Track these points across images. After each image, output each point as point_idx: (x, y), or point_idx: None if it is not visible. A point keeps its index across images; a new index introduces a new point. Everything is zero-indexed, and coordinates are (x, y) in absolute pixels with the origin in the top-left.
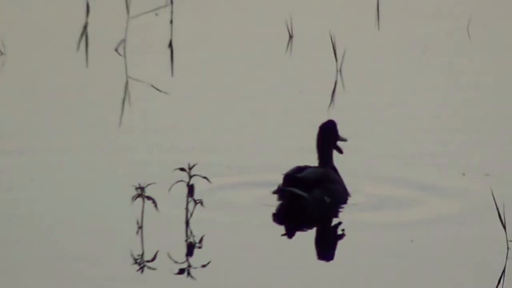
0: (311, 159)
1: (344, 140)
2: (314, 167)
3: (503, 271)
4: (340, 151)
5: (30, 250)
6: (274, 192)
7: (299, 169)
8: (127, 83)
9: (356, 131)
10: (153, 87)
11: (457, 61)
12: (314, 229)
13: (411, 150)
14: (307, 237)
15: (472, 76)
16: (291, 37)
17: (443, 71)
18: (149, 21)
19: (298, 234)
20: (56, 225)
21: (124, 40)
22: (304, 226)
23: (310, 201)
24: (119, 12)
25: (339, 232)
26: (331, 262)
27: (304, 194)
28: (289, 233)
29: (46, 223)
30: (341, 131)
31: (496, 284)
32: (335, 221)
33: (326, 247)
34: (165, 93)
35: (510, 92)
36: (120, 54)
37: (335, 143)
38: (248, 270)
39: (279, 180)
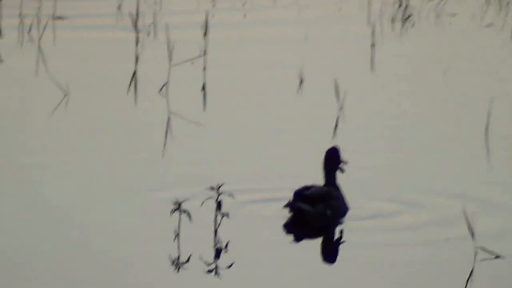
0: (318, 179)
1: (345, 163)
2: (319, 186)
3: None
4: (342, 171)
5: (73, 256)
6: (285, 206)
7: (307, 188)
8: (169, 119)
9: (354, 155)
10: (190, 121)
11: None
12: (319, 239)
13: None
14: (312, 243)
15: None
16: (301, 81)
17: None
18: (187, 68)
19: (304, 241)
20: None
21: (166, 83)
22: (309, 234)
23: (313, 214)
24: (163, 61)
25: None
26: (333, 265)
27: (308, 208)
28: (297, 239)
29: (93, 231)
30: (343, 156)
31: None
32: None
33: (327, 251)
34: (199, 125)
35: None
36: (163, 96)
37: (338, 165)
38: (267, 269)
39: (290, 196)
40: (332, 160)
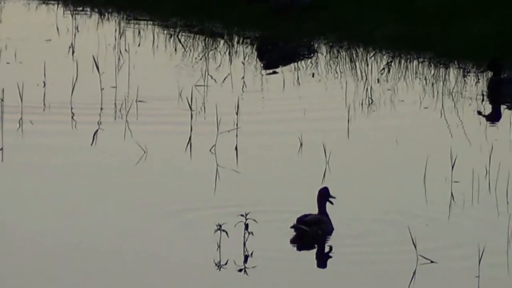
0: (314, 209)
1: (333, 197)
2: (315, 214)
3: (414, 272)
4: (331, 203)
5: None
6: (291, 227)
7: (305, 215)
8: (217, 169)
9: (340, 193)
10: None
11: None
12: (314, 249)
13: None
14: (310, 253)
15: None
16: (301, 144)
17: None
18: (226, 135)
19: (304, 250)
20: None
21: (214, 145)
22: (308, 246)
23: (310, 233)
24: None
25: (327, 250)
26: (325, 268)
27: (307, 229)
28: (299, 249)
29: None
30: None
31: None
32: (327, 245)
33: (320, 259)
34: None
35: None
36: (212, 153)
37: (327, 199)
38: (279, 270)
39: (294, 221)
40: (323, 195)
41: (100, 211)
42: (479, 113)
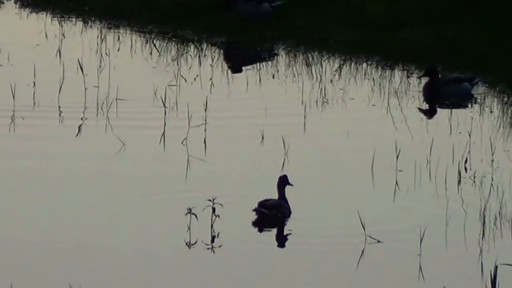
0: (274, 195)
1: (291, 185)
2: (275, 199)
3: (363, 251)
4: (291, 185)
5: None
6: (253, 210)
7: (266, 200)
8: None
9: (297, 180)
10: (197, 158)
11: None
12: (274, 230)
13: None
14: (270, 234)
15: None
16: (263, 137)
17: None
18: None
19: (265, 231)
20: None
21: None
22: (268, 228)
23: (270, 216)
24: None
25: (286, 231)
26: (283, 248)
27: (267, 212)
28: (260, 231)
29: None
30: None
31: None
32: (286, 227)
33: (279, 239)
34: (204, 161)
35: None
36: (184, 145)
37: (286, 185)
38: (242, 249)
39: (256, 204)
40: (283, 182)
41: (81, 195)
42: (420, 110)
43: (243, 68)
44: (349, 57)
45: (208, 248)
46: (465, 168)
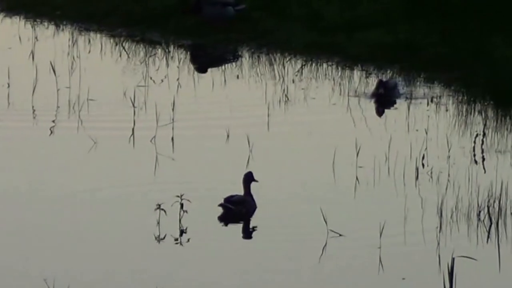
0: (239, 191)
1: (256, 181)
2: (240, 195)
3: (324, 248)
4: (255, 181)
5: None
6: (219, 205)
7: (232, 196)
8: (157, 157)
9: (262, 177)
10: (165, 155)
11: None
12: (240, 225)
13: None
14: (236, 228)
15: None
16: (228, 136)
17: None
18: (165, 128)
19: (231, 226)
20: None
21: (154, 137)
22: (234, 223)
23: (236, 211)
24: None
25: (251, 226)
26: (249, 242)
27: (232, 207)
28: (226, 225)
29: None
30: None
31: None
32: (251, 222)
33: (245, 233)
34: (172, 158)
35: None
36: (153, 143)
37: (251, 182)
38: (209, 242)
39: (222, 200)
40: (248, 178)
41: (52, 192)
42: (378, 109)
43: (209, 69)
44: (310, 58)
45: (177, 243)
46: (423, 164)
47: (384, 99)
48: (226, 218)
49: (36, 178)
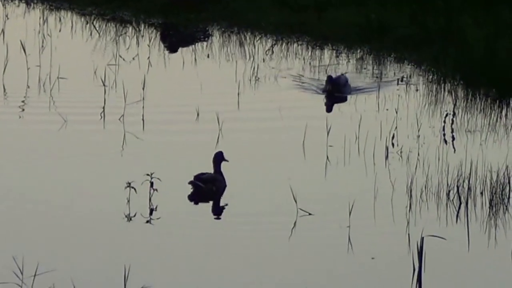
0: (210, 169)
1: (227, 160)
2: (210, 173)
3: (295, 223)
4: (226, 160)
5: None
6: (188, 183)
7: (202, 174)
8: (124, 135)
9: (231, 155)
10: (134, 135)
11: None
12: (210, 203)
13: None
14: (206, 206)
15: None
16: (198, 114)
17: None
18: (134, 106)
19: (201, 204)
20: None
21: (123, 115)
22: (204, 200)
23: (206, 189)
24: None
25: (222, 203)
26: (219, 220)
27: (202, 185)
28: (196, 203)
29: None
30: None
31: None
32: (221, 200)
33: (215, 211)
34: (140, 138)
35: None
36: (121, 122)
37: (222, 161)
38: (178, 220)
39: (192, 178)
40: (218, 158)
41: (24, 171)
42: (327, 104)
43: (179, 48)
44: (281, 37)
45: (147, 221)
46: (392, 144)
47: (332, 95)
48: (196, 196)
49: (5, 157)
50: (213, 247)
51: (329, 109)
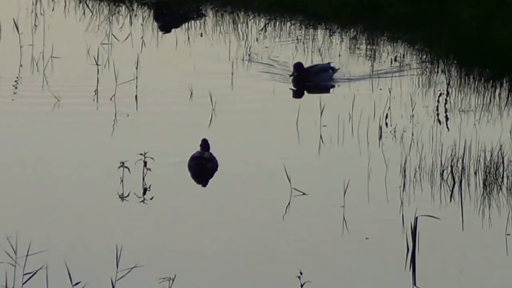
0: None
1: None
2: (209, 152)
3: (289, 202)
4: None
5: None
6: (193, 163)
7: (202, 152)
8: (115, 114)
9: (224, 135)
10: (126, 114)
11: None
12: (203, 183)
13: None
14: (199, 187)
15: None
16: (191, 93)
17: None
18: (127, 85)
19: (194, 184)
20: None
21: (114, 95)
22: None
23: (209, 168)
24: (112, 81)
25: (216, 184)
26: (212, 201)
27: (207, 164)
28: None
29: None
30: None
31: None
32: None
33: (209, 192)
34: (133, 117)
35: None
36: (113, 101)
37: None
38: (172, 198)
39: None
40: (205, 144)
41: (18, 150)
42: (293, 90)
43: (173, 27)
44: (274, 17)
45: (141, 201)
46: (386, 124)
47: (298, 82)
48: (201, 174)
49: (0, 137)
50: (207, 228)
51: (294, 94)
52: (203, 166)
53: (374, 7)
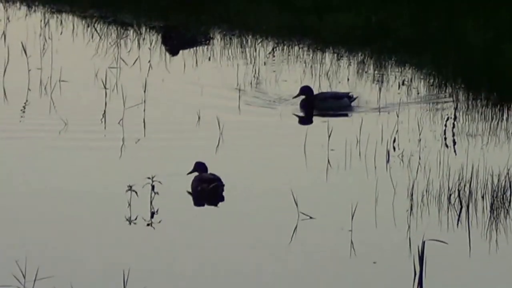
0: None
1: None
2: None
3: (296, 226)
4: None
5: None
6: (212, 187)
7: (212, 175)
8: (123, 139)
9: (232, 159)
10: (135, 139)
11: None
12: (211, 207)
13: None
14: (207, 210)
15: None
16: (199, 118)
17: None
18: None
19: (201, 208)
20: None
21: (122, 119)
22: (206, 204)
23: (219, 185)
24: (120, 105)
25: (224, 207)
26: (219, 225)
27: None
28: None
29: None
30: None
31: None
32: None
33: (216, 216)
34: (140, 141)
35: None
36: (121, 125)
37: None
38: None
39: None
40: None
41: (25, 173)
42: (297, 116)
43: (180, 51)
44: (282, 40)
45: (148, 224)
46: (394, 147)
47: (305, 106)
48: (219, 196)
49: (6, 160)
50: (214, 252)
51: (301, 118)
52: (220, 188)
53: (382, 31)
